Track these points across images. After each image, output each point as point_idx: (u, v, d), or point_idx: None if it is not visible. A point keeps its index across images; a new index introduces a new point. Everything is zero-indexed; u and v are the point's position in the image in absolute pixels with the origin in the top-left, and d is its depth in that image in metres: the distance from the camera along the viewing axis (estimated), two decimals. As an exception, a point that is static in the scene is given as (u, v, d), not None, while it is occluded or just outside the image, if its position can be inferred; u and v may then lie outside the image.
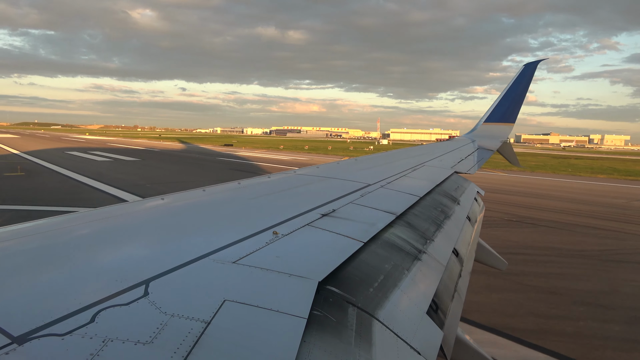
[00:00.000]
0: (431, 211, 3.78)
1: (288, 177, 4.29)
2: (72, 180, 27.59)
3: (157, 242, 2.08)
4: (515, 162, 11.09)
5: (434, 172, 5.68)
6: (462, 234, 3.69)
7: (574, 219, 19.49)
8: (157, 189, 24.67)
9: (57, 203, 19.77)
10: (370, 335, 1.66)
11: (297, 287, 1.68)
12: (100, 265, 1.73)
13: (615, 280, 11.47)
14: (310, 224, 2.52)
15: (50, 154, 48.68)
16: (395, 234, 2.82)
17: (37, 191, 22.91)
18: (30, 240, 2.01)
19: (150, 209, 2.77)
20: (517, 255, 13.42)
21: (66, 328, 1.22)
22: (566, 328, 8.57)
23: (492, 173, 38.16)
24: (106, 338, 1.19)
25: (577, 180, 37.60)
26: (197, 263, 1.77)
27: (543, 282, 11.19)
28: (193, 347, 1.21)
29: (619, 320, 9.03)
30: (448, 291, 2.62)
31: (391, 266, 2.34)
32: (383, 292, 2.03)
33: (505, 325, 8.54)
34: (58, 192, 23.35)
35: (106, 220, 2.43)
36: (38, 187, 24.23)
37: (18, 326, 1.20)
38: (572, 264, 12.94)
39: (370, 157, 7.16)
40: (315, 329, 1.51)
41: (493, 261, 5.50)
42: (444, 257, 2.88)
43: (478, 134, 11.11)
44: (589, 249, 14.61)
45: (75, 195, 22.48)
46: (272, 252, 1.99)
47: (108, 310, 1.33)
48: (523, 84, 10.90)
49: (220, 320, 1.36)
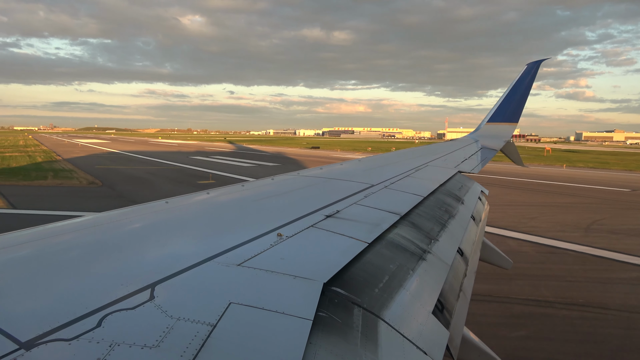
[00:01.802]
0: (435, 211, 3.77)
1: (292, 179, 4.29)
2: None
3: (162, 245, 2.08)
4: (519, 161, 11.04)
5: (437, 172, 5.66)
6: (466, 234, 3.67)
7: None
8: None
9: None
10: (376, 336, 1.66)
11: (302, 288, 1.68)
12: (106, 269, 1.73)
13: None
14: (315, 225, 2.52)
15: (187, 160, 47.81)
16: (399, 234, 2.81)
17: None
18: (36, 246, 2.02)
19: (155, 213, 2.78)
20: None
21: (73, 333, 1.22)
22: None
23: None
24: (113, 342, 1.20)
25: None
26: (202, 266, 1.77)
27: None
28: (199, 350, 1.21)
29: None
30: (453, 291, 2.61)
31: (396, 266, 2.34)
32: (388, 293, 2.02)
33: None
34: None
35: (111, 224, 2.43)
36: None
37: (25, 331, 1.21)
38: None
39: (373, 157, 7.15)
40: (321, 330, 1.51)
41: (498, 260, 5.47)
42: (448, 257, 2.87)
43: (481, 134, 11.08)
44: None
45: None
46: (276, 254, 1.99)
47: (114, 314, 1.34)
48: (526, 83, 10.86)
49: (226, 323, 1.36)
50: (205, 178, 30.77)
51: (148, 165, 41.14)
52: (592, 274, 11.48)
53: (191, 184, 27.60)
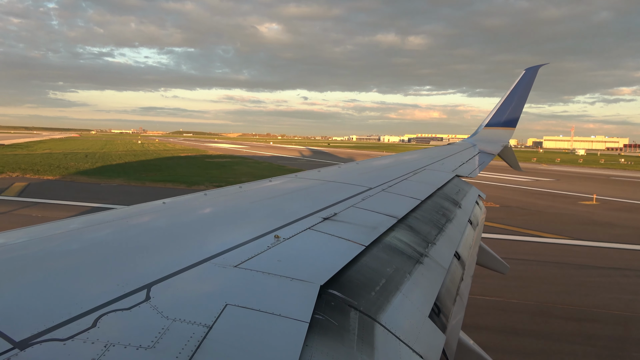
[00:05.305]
0: (433, 214, 3.78)
1: (289, 181, 4.29)
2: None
3: (159, 246, 2.07)
4: (516, 166, 11.09)
5: (435, 176, 5.67)
6: (463, 238, 3.68)
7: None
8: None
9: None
10: (372, 339, 1.66)
11: (298, 291, 1.68)
12: (101, 269, 1.72)
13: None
14: (312, 228, 2.51)
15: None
16: (396, 237, 2.81)
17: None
18: (31, 244, 2.01)
19: (152, 213, 2.77)
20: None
21: (68, 333, 1.21)
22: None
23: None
24: (108, 343, 1.19)
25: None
26: (199, 267, 1.76)
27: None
28: (195, 351, 1.21)
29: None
30: (450, 294, 2.61)
31: (393, 269, 2.34)
32: (385, 296, 2.02)
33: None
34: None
35: (107, 224, 2.43)
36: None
37: (19, 331, 1.20)
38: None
39: (371, 160, 7.16)
40: (317, 332, 1.51)
41: (495, 265, 5.49)
42: (445, 261, 2.87)
43: (479, 138, 11.12)
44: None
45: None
46: (273, 256, 1.99)
47: (109, 314, 1.33)
48: (524, 89, 10.92)
49: (222, 325, 1.36)
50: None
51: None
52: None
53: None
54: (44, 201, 21.62)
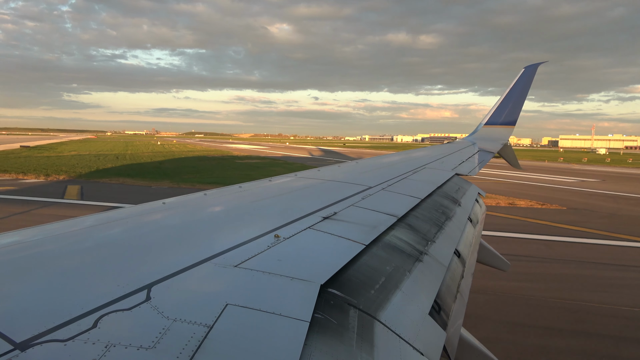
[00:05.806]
0: (432, 213, 3.78)
1: (289, 181, 4.29)
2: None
3: (159, 246, 2.08)
4: (516, 164, 11.08)
5: (435, 175, 5.67)
6: (463, 235, 3.68)
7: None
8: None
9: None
10: (372, 337, 1.66)
11: (299, 290, 1.68)
12: (101, 270, 1.73)
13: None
14: (312, 227, 2.52)
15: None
16: (396, 236, 2.81)
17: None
18: (32, 245, 2.01)
19: (152, 213, 2.77)
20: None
21: (68, 334, 1.21)
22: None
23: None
24: (108, 343, 1.19)
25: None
26: (199, 267, 1.76)
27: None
28: (196, 351, 1.21)
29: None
30: (450, 292, 2.61)
31: (393, 268, 2.34)
32: (385, 294, 2.02)
33: None
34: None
35: (107, 225, 2.43)
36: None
37: (20, 332, 1.20)
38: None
39: (371, 159, 7.16)
40: (317, 332, 1.51)
41: (495, 262, 5.49)
42: (445, 259, 2.87)
43: (479, 137, 11.11)
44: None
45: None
46: (274, 256, 1.99)
47: (110, 315, 1.33)
48: (523, 87, 10.90)
49: (222, 325, 1.36)
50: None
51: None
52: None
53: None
54: (113, 204, 20.65)
